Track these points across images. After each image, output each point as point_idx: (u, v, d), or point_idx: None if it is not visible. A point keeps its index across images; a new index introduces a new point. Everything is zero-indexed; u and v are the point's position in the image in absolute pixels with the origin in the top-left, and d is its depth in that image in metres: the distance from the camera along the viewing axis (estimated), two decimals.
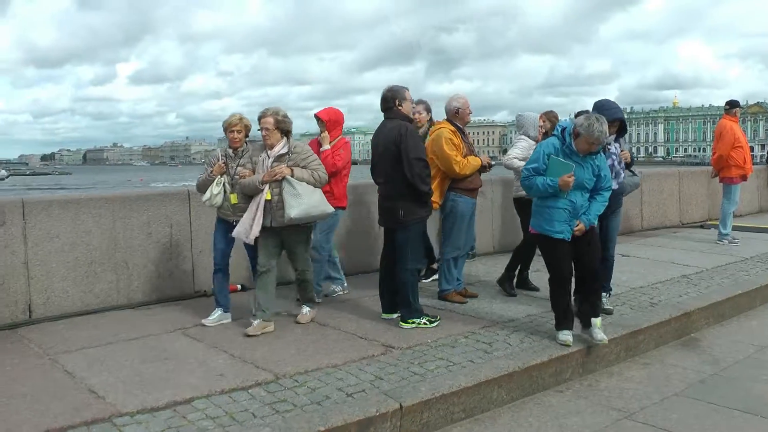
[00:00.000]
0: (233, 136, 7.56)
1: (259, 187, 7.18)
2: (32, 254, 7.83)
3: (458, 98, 8.55)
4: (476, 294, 8.72)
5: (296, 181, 7.12)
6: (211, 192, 7.46)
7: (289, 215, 7.05)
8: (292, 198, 7.06)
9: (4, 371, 6.20)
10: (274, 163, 7.24)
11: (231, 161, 7.60)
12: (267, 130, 7.25)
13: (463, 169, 8.15)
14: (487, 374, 5.96)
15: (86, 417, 5.07)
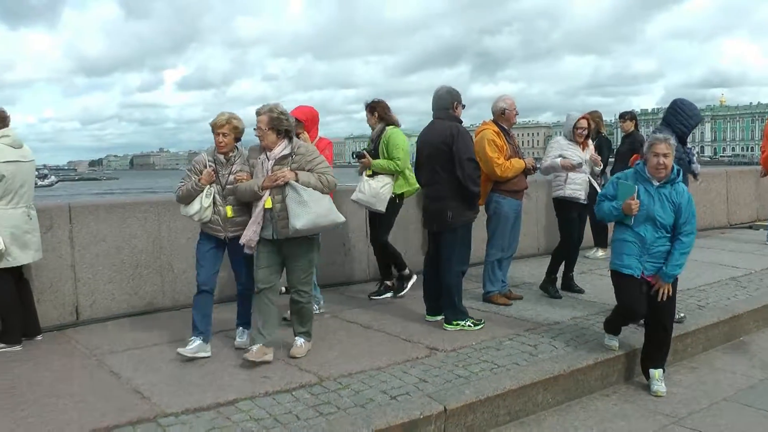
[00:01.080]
0: (219, 140, 6.61)
1: (259, 193, 6.32)
2: (79, 257, 7.94)
3: (505, 99, 8.48)
4: (521, 296, 8.66)
5: (301, 187, 6.22)
6: (201, 204, 6.55)
7: (294, 226, 6.15)
8: (298, 206, 6.17)
9: (52, 371, 6.29)
10: (275, 166, 6.37)
11: (221, 168, 6.67)
12: (260, 130, 6.35)
13: (504, 172, 8.10)
14: (532, 377, 5.91)
15: (131, 417, 5.11)
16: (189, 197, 6.58)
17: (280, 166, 6.34)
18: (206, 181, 6.57)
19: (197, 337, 6.53)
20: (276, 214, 6.28)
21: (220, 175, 6.63)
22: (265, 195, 6.29)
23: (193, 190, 6.57)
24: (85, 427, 4.96)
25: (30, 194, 7.14)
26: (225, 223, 6.60)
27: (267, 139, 6.37)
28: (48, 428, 4.97)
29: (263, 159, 6.43)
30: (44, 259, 7.57)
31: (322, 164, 6.50)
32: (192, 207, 6.58)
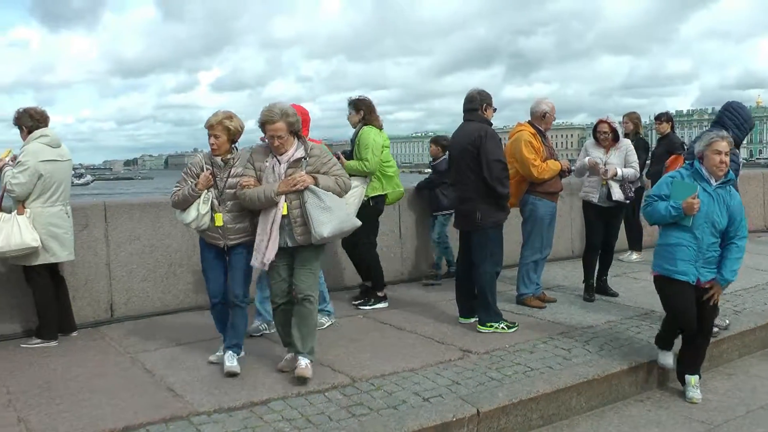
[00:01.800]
0: (210, 141, 6.07)
1: (274, 199, 5.81)
2: (114, 256, 8.02)
3: (547, 102, 8.46)
4: (554, 299, 8.60)
5: (323, 192, 5.80)
6: (198, 211, 6.06)
7: (321, 234, 5.73)
8: (322, 212, 5.74)
9: (87, 367, 6.35)
10: (289, 169, 5.90)
11: (219, 172, 6.14)
12: (280, 139, 5.83)
13: (541, 174, 8.06)
14: (566, 381, 5.87)
15: (164, 414, 5.15)
16: (185, 203, 6.11)
17: (294, 170, 5.88)
18: (203, 186, 6.06)
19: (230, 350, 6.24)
20: (293, 220, 5.84)
21: (217, 179, 6.12)
22: (281, 201, 5.81)
23: (190, 196, 6.07)
24: (119, 423, 5.00)
25: (67, 193, 7.23)
26: (224, 230, 6.12)
27: (287, 146, 5.91)
28: (82, 423, 5.02)
29: (273, 163, 5.94)
30: (80, 257, 7.67)
31: (337, 166, 6.12)
32: (188, 214, 6.11)
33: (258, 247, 5.93)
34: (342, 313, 7.90)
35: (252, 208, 5.99)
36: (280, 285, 6.09)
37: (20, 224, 6.76)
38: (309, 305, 5.98)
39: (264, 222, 5.89)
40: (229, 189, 6.07)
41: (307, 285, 5.97)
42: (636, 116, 11.35)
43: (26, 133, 7.10)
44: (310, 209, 5.76)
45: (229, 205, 6.08)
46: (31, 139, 7.03)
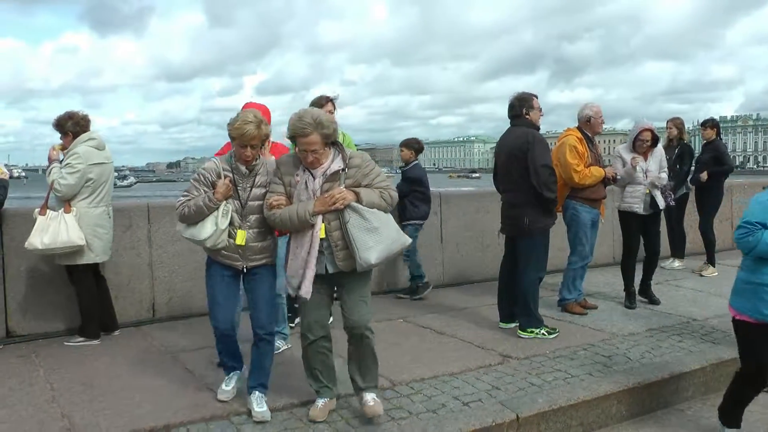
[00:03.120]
0: (246, 154, 5.14)
1: (310, 220, 4.91)
2: (156, 256, 8.11)
3: (591, 106, 8.38)
4: (596, 305, 8.54)
5: (366, 209, 4.92)
6: (217, 226, 5.13)
7: (367, 260, 4.87)
8: (367, 234, 4.89)
9: (129, 366, 6.43)
10: (325, 184, 4.98)
11: (241, 180, 5.25)
12: (315, 153, 4.91)
13: (582, 180, 8.00)
14: (606, 389, 5.82)
15: (205, 414, 5.19)
16: (199, 216, 5.15)
17: (330, 184, 4.98)
18: (223, 196, 5.14)
19: (233, 373, 5.64)
20: (333, 243, 4.97)
21: (239, 188, 5.24)
22: (318, 222, 4.93)
23: (206, 207, 5.12)
24: (160, 422, 5.05)
25: (109, 194, 7.35)
26: (244, 250, 5.24)
27: (323, 160, 5.00)
28: (123, 420, 5.08)
29: (306, 177, 5.02)
30: (123, 258, 7.80)
31: (381, 176, 5.17)
32: (203, 229, 5.16)
33: (291, 274, 5.07)
34: (382, 317, 7.87)
35: (284, 229, 5.21)
36: (318, 316, 5.17)
37: (67, 222, 6.86)
38: (368, 339, 5.18)
39: (298, 245, 5.03)
40: (253, 201, 5.21)
41: (361, 316, 5.12)
42: (680, 122, 11.23)
43: (70, 137, 7.19)
44: (352, 231, 4.88)
45: (252, 220, 5.22)
46: (79, 142, 7.13)
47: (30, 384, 5.94)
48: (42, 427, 5.00)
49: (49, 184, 7.00)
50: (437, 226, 9.89)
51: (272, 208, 5.04)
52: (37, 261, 7.38)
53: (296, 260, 5.02)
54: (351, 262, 4.97)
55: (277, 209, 5.02)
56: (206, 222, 5.16)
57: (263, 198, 5.20)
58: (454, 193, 10.56)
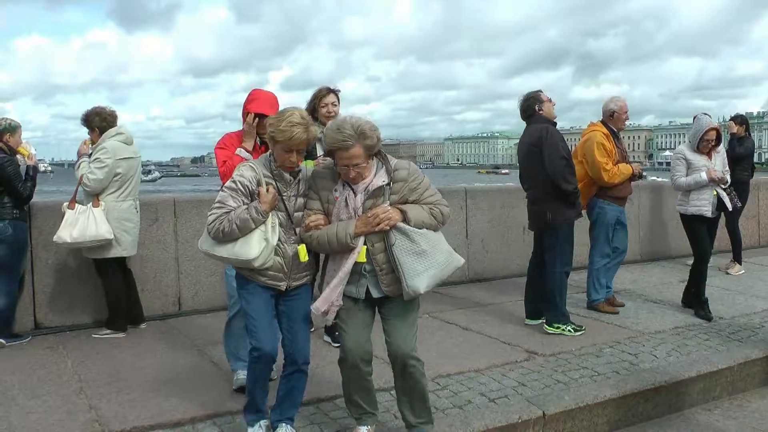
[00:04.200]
0: (290, 159, 4.46)
1: (351, 243, 4.36)
2: (182, 250, 8.16)
3: (616, 100, 8.27)
4: (623, 303, 8.48)
5: (414, 230, 4.37)
6: (267, 241, 4.43)
7: (415, 288, 4.32)
8: (415, 259, 4.34)
9: (155, 359, 6.48)
10: (368, 201, 4.41)
11: (286, 189, 4.55)
12: (357, 168, 4.34)
13: (612, 178, 7.92)
14: (633, 387, 5.78)
15: (231, 407, 5.20)
16: (245, 230, 4.39)
17: (374, 201, 4.42)
18: (270, 207, 4.45)
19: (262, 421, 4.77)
20: (378, 267, 4.44)
21: (284, 197, 4.55)
22: (359, 244, 4.39)
23: (253, 221, 4.38)
24: (186, 414, 5.08)
25: (137, 189, 7.42)
26: (289, 267, 4.58)
27: (366, 174, 4.43)
28: (150, 413, 5.11)
29: (347, 193, 4.45)
30: (149, 251, 7.87)
31: (430, 190, 4.60)
32: (248, 246, 4.40)
33: (324, 296, 4.50)
34: None
35: (322, 252, 4.63)
36: (358, 337, 4.57)
37: (95, 216, 6.91)
38: (414, 368, 4.58)
39: (337, 268, 4.50)
40: (299, 212, 4.58)
41: (407, 343, 4.56)
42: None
43: (97, 132, 7.25)
44: (399, 255, 4.34)
45: (299, 233, 4.59)
46: (108, 136, 7.19)
47: (58, 375, 6.00)
48: (70, 418, 5.04)
49: (78, 179, 7.06)
50: (463, 221, 9.88)
51: (309, 229, 4.47)
52: (65, 254, 7.45)
53: (333, 282, 4.48)
54: (398, 286, 4.42)
55: (315, 230, 4.46)
56: (251, 239, 4.40)
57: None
58: (480, 188, 10.53)
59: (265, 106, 5.57)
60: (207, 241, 4.52)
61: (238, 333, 5.48)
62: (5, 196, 6.83)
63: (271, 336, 4.58)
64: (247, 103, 5.70)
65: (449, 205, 4.74)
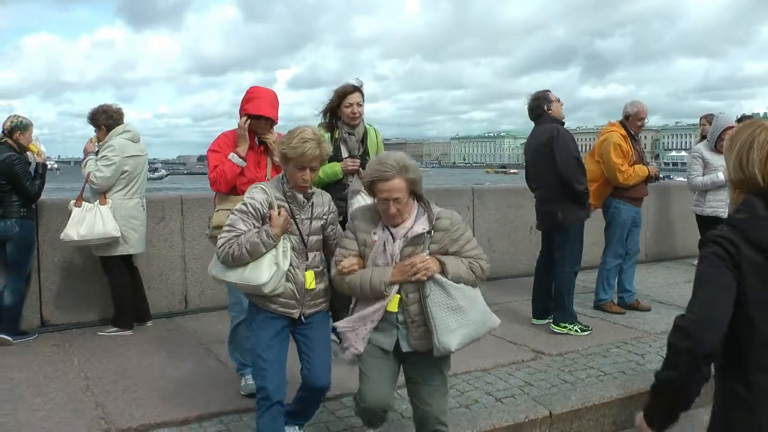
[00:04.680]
0: (303, 177, 4.25)
1: (384, 292, 4.08)
2: (189, 248, 8.17)
3: (635, 103, 8.22)
4: (649, 307, 8.38)
5: (452, 284, 4.07)
6: (278, 266, 4.21)
7: (447, 345, 4.01)
8: (450, 315, 4.04)
9: (162, 357, 6.47)
10: (407, 248, 4.12)
11: (299, 211, 4.34)
12: (398, 203, 4.05)
13: (627, 180, 7.89)
14: (640, 387, 5.74)
15: (238, 405, 5.21)
16: (255, 255, 4.17)
17: (413, 248, 4.12)
18: (282, 231, 4.23)
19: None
20: (410, 318, 4.12)
21: (297, 220, 4.33)
22: (392, 292, 4.10)
23: (264, 245, 4.17)
24: (193, 412, 5.07)
25: (143, 186, 7.43)
26: (302, 294, 4.35)
27: (406, 214, 4.15)
28: (157, 411, 5.11)
29: (385, 237, 4.16)
30: (156, 249, 7.87)
31: (472, 242, 4.29)
32: (258, 271, 4.18)
33: (349, 337, 4.24)
34: None
35: (351, 295, 4.31)
36: (380, 392, 4.26)
37: (102, 214, 6.92)
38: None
39: (365, 313, 4.20)
40: (313, 235, 4.39)
41: (437, 407, 4.27)
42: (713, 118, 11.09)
43: (103, 130, 7.26)
44: (433, 308, 4.03)
45: (312, 258, 4.40)
46: (115, 134, 7.19)
47: (64, 373, 6.00)
48: (76, 415, 5.04)
49: (85, 176, 7.06)
50: (470, 221, 9.86)
51: (344, 271, 4.16)
52: (72, 252, 7.46)
53: (360, 329, 4.20)
54: (428, 341, 4.09)
55: (348, 274, 4.16)
56: (261, 263, 4.18)
57: (321, 231, 4.44)
58: (487, 188, 10.52)
59: (263, 107, 5.39)
60: (216, 266, 4.34)
61: (244, 341, 5.39)
62: (13, 194, 6.83)
63: (280, 378, 4.34)
64: (243, 103, 5.47)
65: (456, 205, 4.71)
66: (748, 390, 2.51)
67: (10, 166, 6.78)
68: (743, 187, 2.60)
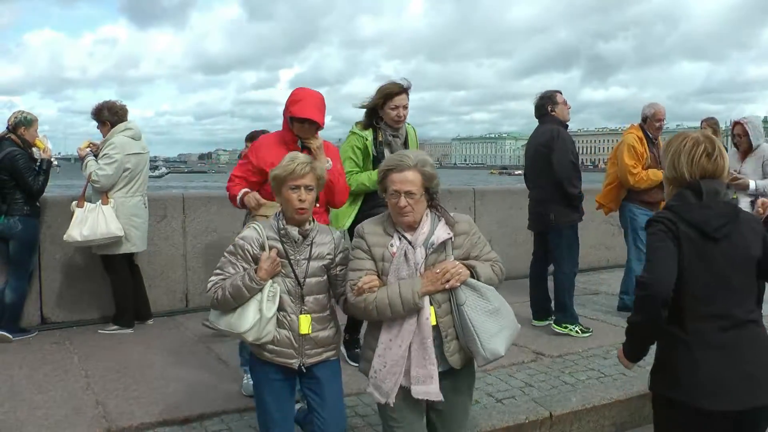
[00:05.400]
0: (298, 198, 3.86)
1: (419, 303, 3.63)
2: (190, 247, 8.18)
3: (651, 105, 8.16)
4: None
5: (487, 287, 3.76)
6: (262, 313, 3.81)
7: (496, 351, 3.70)
8: (490, 318, 3.72)
9: (162, 355, 6.49)
10: (431, 256, 3.75)
11: (294, 251, 3.92)
12: (412, 197, 3.69)
13: (638, 182, 7.81)
14: (639, 389, 5.72)
15: (239, 404, 5.22)
16: (239, 299, 3.81)
17: (436, 256, 3.76)
18: (268, 275, 3.83)
19: None
20: (444, 332, 3.72)
21: (292, 261, 3.92)
22: (426, 305, 3.66)
23: (246, 288, 3.79)
24: (194, 411, 5.08)
25: (145, 184, 7.44)
26: (300, 342, 3.92)
27: (418, 212, 3.76)
28: (158, 409, 5.12)
29: (404, 247, 3.75)
30: (157, 247, 7.88)
31: (488, 245, 4.01)
32: (243, 318, 3.82)
33: (382, 376, 3.72)
34: None
35: (371, 319, 3.84)
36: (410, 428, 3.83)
37: (105, 214, 6.91)
38: None
39: (395, 336, 3.71)
40: (312, 277, 3.95)
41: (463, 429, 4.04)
42: (714, 122, 11.04)
43: (107, 126, 7.26)
44: (471, 315, 3.69)
45: (311, 302, 3.95)
46: (116, 131, 7.20)
47: (65, 371, 6.01)
48: (77, 413, 5.04)
49: (87, 177, 7.05)
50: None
51: (361, 292, 3.69)
52: (73, 249, 7.46)
53: (390, 356, 3.70)
54: (462, 355, 3.78)
55: (370, 293, 3.69)
56: (247, 309, 3.83)
57: (324, 273, 4.00)
58: (488, 189, 10.51)
59: (308, 109, 4.95)
60: (213, 312, 4.03)
61: None
62: (17, 191, 6.84)
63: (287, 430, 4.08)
64: (288, 105, 5.03)
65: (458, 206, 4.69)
66: (684, 332, 3.24)
67: (13, 161, 6.78)
68: (675, 182, 3.42)
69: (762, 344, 3.29)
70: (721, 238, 3.24)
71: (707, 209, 3.27)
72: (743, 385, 3.17)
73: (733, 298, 3.25)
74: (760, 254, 3.32)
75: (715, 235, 3.23)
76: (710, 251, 3.23)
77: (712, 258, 3.23)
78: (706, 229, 3.23)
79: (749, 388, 3.18)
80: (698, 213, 3.27)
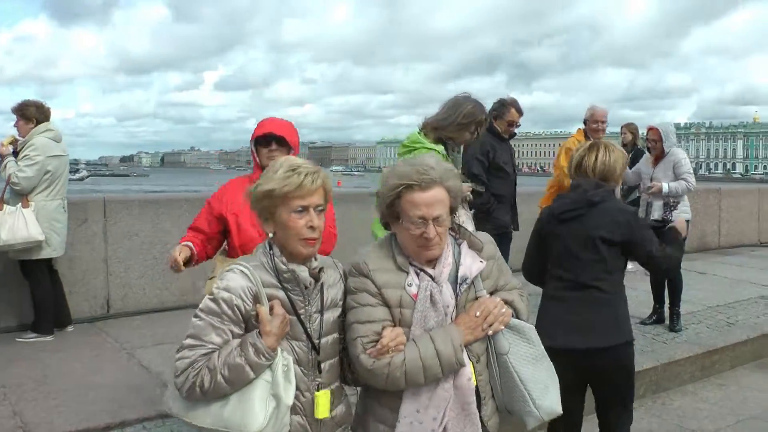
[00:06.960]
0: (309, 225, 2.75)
1: (462, 361, 2.84)
2: (112, 251, 8.03)
3: (590, 108, 8.27)
4: None
5: (529, 327, 3.04)
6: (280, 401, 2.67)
7: (552, 409, 3.00)
8: (538, 367, 3.01)
9: (83, 363, 6.37)
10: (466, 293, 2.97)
11: (303, 300, 2.81)
12: (440, 223, 2.85)
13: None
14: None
15: (162, 410, 5.12)
16: (239, 383, 2.63)
17: (466, 293, 2.96)
18: (278, 341, 2.69)
19: None
20: (481, 390, 2.97)
21: (302, 316, 2.81)
22: (465, 359, 2.86)
23: (253, 366, 2.62)
24: (115, 419, 5.02)
25: (65, 188, 7.29)
26: (317, 429, 2.86)
27: (444, 243, 2.94)
28: (78, 418, 5.04)
29: (428, 285, 2.88)
30: (77, 252, 7.72)
31: (510, 273, 3.20)
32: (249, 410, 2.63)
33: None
34: None
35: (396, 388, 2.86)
36: None
37: (26, 217, 6.78)
38: None
39: (424, 406, 2.87)
40: (328, 336, 2.89)
41: None
42: (634, 127, 11.29)
43: (31, 124, 7.11)
44: (517, 366, 2.95)
45: (326, 369, 2.89)
46: (36, 133, 7.06)
47: None
48: None
49: (6, 178, 6.91)
50: None
51: (385, 353, 2.79)
52: None
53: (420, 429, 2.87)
54: (498, 419, 3.08)
55: (396, 353, 2.80)
56: (250, 396, 2.65)
57: (338, 328, 2.95)
58: None
59: (270, 125, 4.28)
60: (177, 401, 2.73)
61: None
62: None
63: None
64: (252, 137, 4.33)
65: None
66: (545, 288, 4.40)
67: None
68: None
69: (596, 303, 4.16)
70: (569, 219, 4.24)
71: (564, 199, 4.41)
72: (571, 330, 4.10)
73: (579, 265, 4.18)
74: (618, 238, 4.16)
75: (562, 218, 4.27)
76: (560, 230, 4.27)
77: (561, 235, 4.26)
78: (555, 213, 4.33)
79: (576, 333, 4.10)
80: (557, 202, 4.45)
